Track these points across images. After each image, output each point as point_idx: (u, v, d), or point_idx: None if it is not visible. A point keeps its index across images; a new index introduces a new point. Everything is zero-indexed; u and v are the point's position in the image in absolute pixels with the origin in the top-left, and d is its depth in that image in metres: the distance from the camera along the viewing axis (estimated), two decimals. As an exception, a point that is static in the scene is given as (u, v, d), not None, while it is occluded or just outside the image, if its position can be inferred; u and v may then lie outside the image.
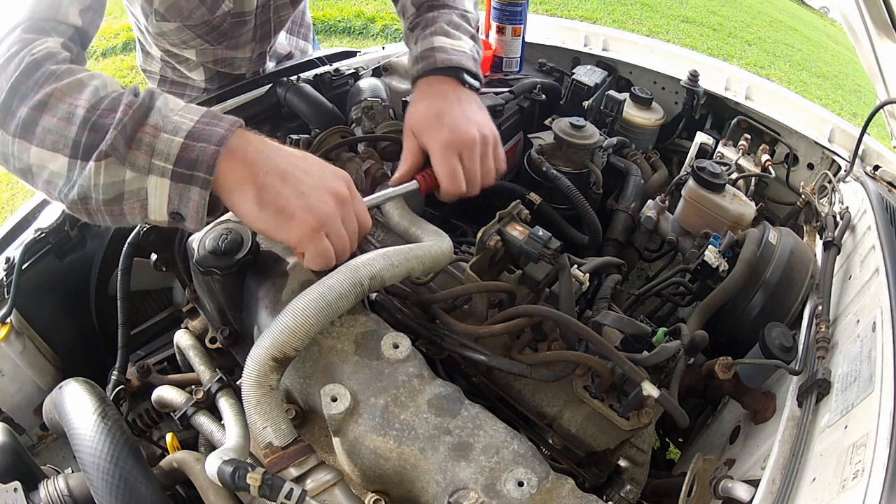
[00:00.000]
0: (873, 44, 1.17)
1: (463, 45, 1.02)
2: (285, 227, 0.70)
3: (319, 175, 0.73)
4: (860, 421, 0.68)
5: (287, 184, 0.70)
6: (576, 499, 0.64)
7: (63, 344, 1.14)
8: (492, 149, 0.94)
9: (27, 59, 0.67)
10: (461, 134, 0.90)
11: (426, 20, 1.06)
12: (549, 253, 0.79)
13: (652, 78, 1.58)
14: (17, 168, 0.68)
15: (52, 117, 0.64)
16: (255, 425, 0.64)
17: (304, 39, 1.76)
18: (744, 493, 0.74)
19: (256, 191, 0.68)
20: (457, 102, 0.95)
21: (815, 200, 1.23)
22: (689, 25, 6.37)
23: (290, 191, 0.70)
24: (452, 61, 0.98)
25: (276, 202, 0.69)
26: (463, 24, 1.07)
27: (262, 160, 0.69)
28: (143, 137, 0.64)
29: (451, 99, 0.95)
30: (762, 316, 0.96)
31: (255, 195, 0.68)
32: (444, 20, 1.05)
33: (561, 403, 0.80)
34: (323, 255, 0.71)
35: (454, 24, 1.05)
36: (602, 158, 1.26)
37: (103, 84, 0.67)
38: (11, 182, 3.53)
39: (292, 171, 0.71)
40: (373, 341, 0.74)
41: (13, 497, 0.67)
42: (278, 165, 0.70)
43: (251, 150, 0.69)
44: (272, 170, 0.69)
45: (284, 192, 0.69)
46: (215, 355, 0.92)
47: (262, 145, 0.71)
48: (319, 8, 5.30)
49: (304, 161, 0.74)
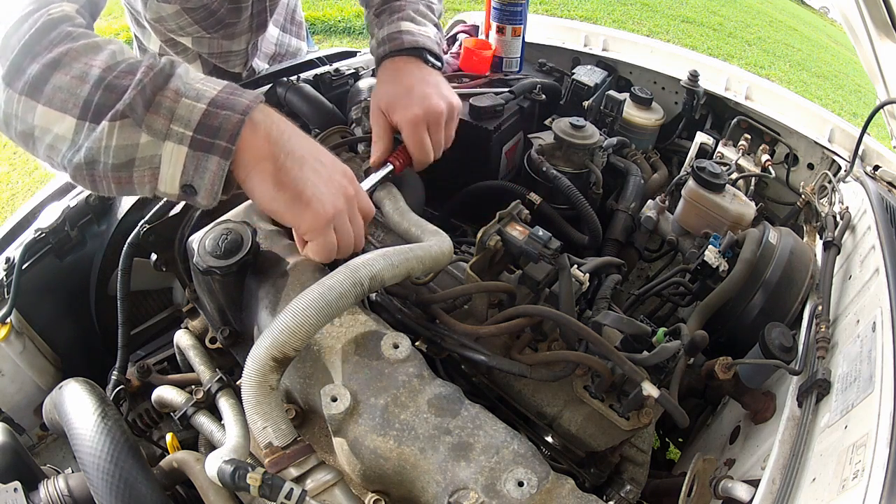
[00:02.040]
0: (873, 44, 1.17)
1: (428, 31, 1.07)
2: (299, 213, 0.70)
3: (331, 168, 0.74)
4: (860, 421, 0.68)
5: (305, 169, 0.70)
6: (576, 499, 0.64)
7: (63, 344, 1.14)
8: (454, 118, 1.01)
9: (43, 19, 0.64)
10: (430, 107, 0.94)
11: (393, 7, 1.10)
12: (549, 253, 0.79)
13: (652, 78, 1.58)
14: (19, 131, 0.64)
15: (65, 75, 0.61)
16: (255, 425, 0.64)
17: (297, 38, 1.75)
18: (744, 493, 0.74)
19: (275, 170, 0.67)
20: (422, 79, 0.99)
21: (815, 200, 1.24)
22: (689, 25, 6.38)
23: (308, 176, 0.70)
24: (418, 42, 1.03)
25: (295, 186, 0.68)
26: (428, 13, 1.13)
27: (283, 140, 0.68)
28: (164, 101, 0.62)
29: (416, 76, 1.00)
30: (762, 316, 0.96)
31: (274, 175, 0.67)
32: (412, 8, 1.10)
33: (561, 403, 0.80)
34: (327, 247, 0.72)
35: (420, 13, 1.10)
36: (602, 158, 1.26)
37: (121, 49, 0.65)
38: (11, 182, 3.53)
39: (310, 158, 0.71)
40: (373, 341, 0.74)
41: (13, 497, 0.67)
42: (298, 149, 0.70)
43: (274, 127, 0.68)
44: (292, 152, 0.69)
45: (303, 177, 0.69)
46: (215, 355, 0.91)
47: (285, 125, 0.70)
48: (319, 8, 5.30)
49: (320, 152, 0.74)
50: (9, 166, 3.68)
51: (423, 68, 1.03)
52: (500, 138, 1.25)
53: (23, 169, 3.63)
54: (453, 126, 1.01)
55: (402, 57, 1.03)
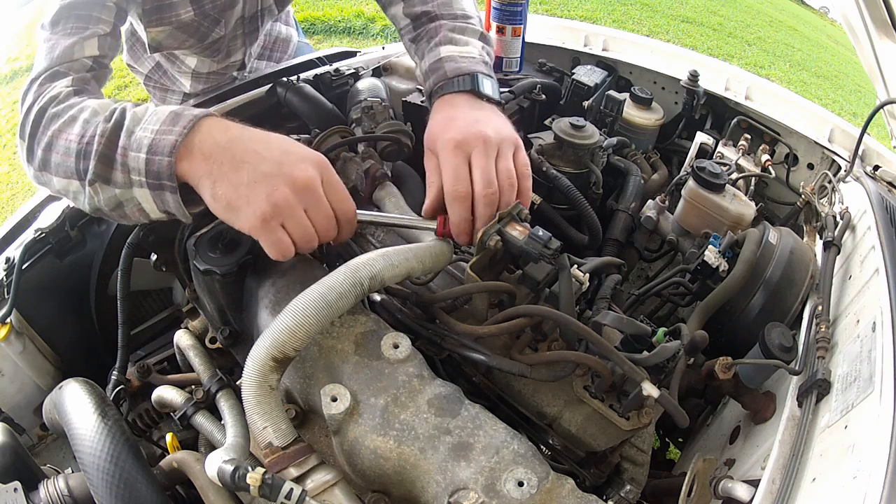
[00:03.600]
0: (873, 44, 1.17)
1: (471, 51, 0.99)
2: (234, 218, 0.71)
3: (278, 160, 0.72)
4: (860, 421, 0.68)
5: (239, 173, 0.70)
6: (576, 499, 0.64)
7: (63, 344, 1.14)
8: (511, 150, 0.85)
9: (36, 109, 0.81)
10: (470, 133, 0.82)
11: (429, 32, 1.03)
12: (549, 253, 0.79)
13: (652, 78, 1.58)
14: (53, 191, 0.84)
15: (57, 154, 0.78)
16: (255, 425, 0.64)
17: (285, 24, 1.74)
18: (744, 493, 0.74)
19: (211, 184, 0.71)
20: (470, 109, 0.90)
21: (815, 200, 1.23)
22: (689, 25, 6.37)
23: (240, 180, 0.70)
24: (461, 70, 0.94)
25: (226, 194, 0.70)
26: (468, 27, 1.04)
27: (218, 153, 0.71)
28: (118, 158, 0.73)
29: (464, 108, 0.90)
30: (762, 316, 0.96)
31: (211, 188, 0.71)
32: (448, 28, 1.02)
33: (561, 403, 0.80)
34: (276, 244, 0.71)
35: (458, 30, 1.02)
36: (602, 158, 1.26)
37: (92, 114, 0.77)
38: (11, 182, 3.53)
39: (249, 158, 0.71)
40: (373, 341, 0.74)
41: (13, 497, 0.67)
42: (235, 155, 0.71)
43: (210, 143, 0.71)
44: (228, 160, 0.71)
45: (235, 182, 0.70)
46: (215, 355, 0.92)
47: (225, 135, 0.72)
48: (319, 8, 5.30)
49: (265, 146, 0.73)
50: (9, 166, 3.68)
51: (474, 103, 0.91)
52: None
53: (23, 169, 3.64)
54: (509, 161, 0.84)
55: (453, 94, 0.93)
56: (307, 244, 0.73)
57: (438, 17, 1.05)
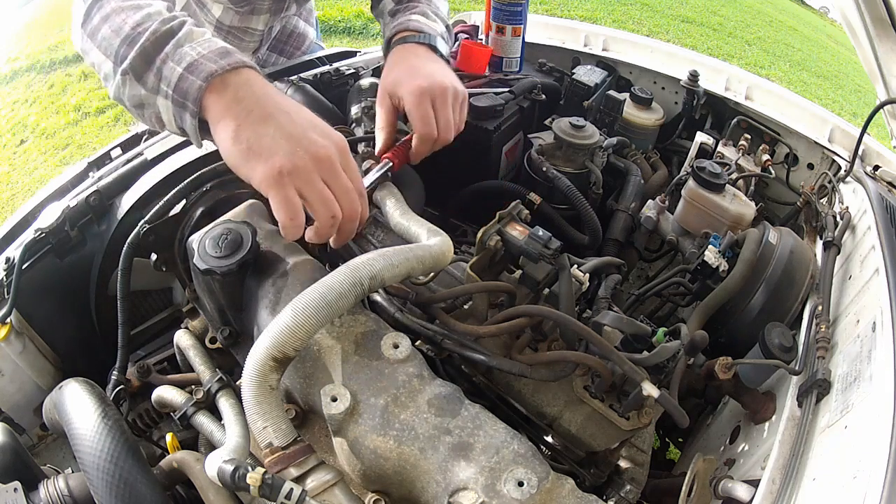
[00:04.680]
0: (873, 44, 1.17)
1: (437, 28, 1.10)
2: (250, 164, 0.71)
3: (304, 128, 0.73)
4: (860, 421, 0.68)
5: (267, 125, 0.71)
6: (576, 499, 0.64)
7: (63, 344, 1.14)
8: (461, 103, 0.99)
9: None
10: (434, 81, 0.94)
11: (408, 6, 1.16)
12: (549, 253, 0.79)
13: (652, 78, 1.58)
14: (88, 62, 0.85)
15: (109, 28, 0.78)
16: (255, 425, 0.64)
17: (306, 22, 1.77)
18: (744, 493, 0.74)
19: (236, 125, 0.71)
20: (429, 61, 1.01)
21: (815, 200, 1.23)
22: (689, 25, 6.38)
23: (266, 131, 0.71)
24: (424, 28, 1.06)
25: (249, 139, 0.71)
26: (440, 13, 1.17)
27: (251, 100, 0.72)
28: (157, 62, 0.74)
29: (423, 59, 1.01)
30: (762, 316, 0.96)
31: (234, 129, 0.71)
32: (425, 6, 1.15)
33: (561, 403, 0.80)
34: (286, 202, 0.69)
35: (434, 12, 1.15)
36: (602, 158, 1.26)
37: (158, 11, 0.78)
38: (11, 182, 3.54)
39: (278, 116, 0.72)
40: (373, 341, 0.74)
41: (13, 497, 0.67)
42: (266, 108, 0.72)
43: (245, 89, 0.73)
44: (258, 110, 0.72)
45: (260, 131, 0.71)
46: (215, 355, 0.91)
47: (262, 89, 0.74)
48: (320, 8, 5.30)
49: (296, 113, 0.75)
50: (9, 166, 3.68)
51: (430, 54, 1.04)
52: (500, 138, 1.25)
53: (23, 169, 3.64)
54: (462, 112, 1.00)
55: (411, 44, 1.04)
56: (328, 211, 0.72)
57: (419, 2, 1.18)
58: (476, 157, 1.24)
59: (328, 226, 0.74)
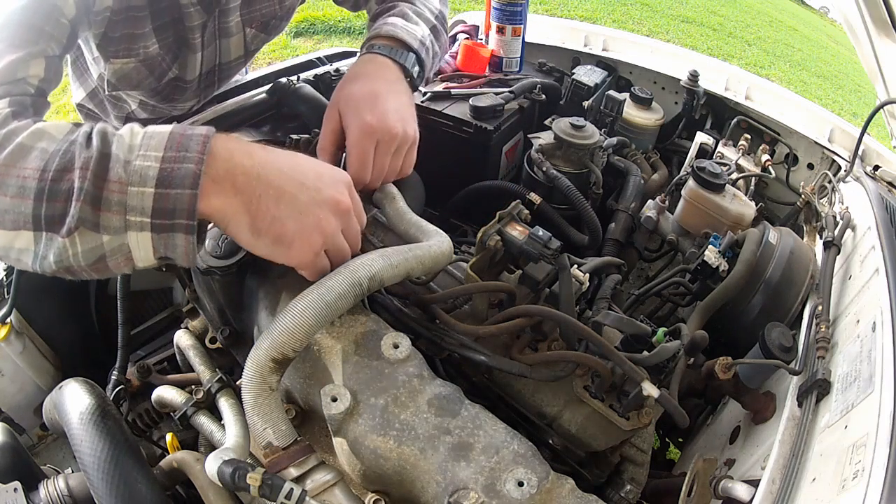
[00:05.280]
0: (873, 44, 1.17)
1: (416, 30, 1.01)
2: (285, 254, 0.68)
3: (316, 186, 0.69)
4: (860, 421, 0.68)
5: (282, 205, 0.66)
6: (576, 499, 0.64)
7: (63, 344, 1.14)
8: (407, 148, 0.91)
9: None
10: (386, 124, 0.85)
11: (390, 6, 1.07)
12: (549, 253, 0.79)
13: (652, 78, 1.58)
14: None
15: (5, 196, 0.58)
16: (255, 426, 0.64)
17: None
18: (744, 493, 0.74)
19: (251, 220, 0.65)
20: (393, 92, 0.91)
21: (815, 200, 1.24)
22: (689, 25, 6.38)
23: (286, 213, 0.66)
24: (400, 37, 0.97)
25: (272, 229, 0.65)
26: (425, 13, 1.07)
27: (253, 183, 0.64)
28: (111, 196, 0.58)
29: (387, 84, 0.91)
30: (762, 316, 0.96)
31: (250, 224, 0.65)
32: (407, 7, 1.05)
33: (561, 403, 0.80)
34: (321, 272, 0.71)
35: (415, 12, 1.05)
36: (602, 158, 1.26)
37: (49, 141, 0.60)
38: (11, 182, 3.52)
39: (288, 187, 0.66)
40: (373, 341, 0.74)
41: (13, 497, 0.67)
42: (271, 183, 0.65)
43: (239, 171, 0.64)
44: (265, 192, 0.65)
45: (280, 216, 0.65)
46: (215, 355, 0.92)
47: (250, 160, 0.65)
48: (319, 8, 5.30)
49: (298, 171, 0.68)
50: (9, 166, 3.67)
51: (397, 78, 0.95)
52: (500, 138, 1.25)
53: (23, 169, 3.63)
54: (409, 156, 0.92)
55: (381, 58, 0.95)
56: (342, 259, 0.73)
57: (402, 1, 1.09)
58: (476, 156, 1.24)
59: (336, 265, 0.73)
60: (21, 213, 0.58)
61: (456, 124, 1.23)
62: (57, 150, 0.59)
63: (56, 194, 0.58)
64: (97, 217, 0.59)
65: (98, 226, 0.59)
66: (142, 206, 0.59)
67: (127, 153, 0.60)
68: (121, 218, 0.59)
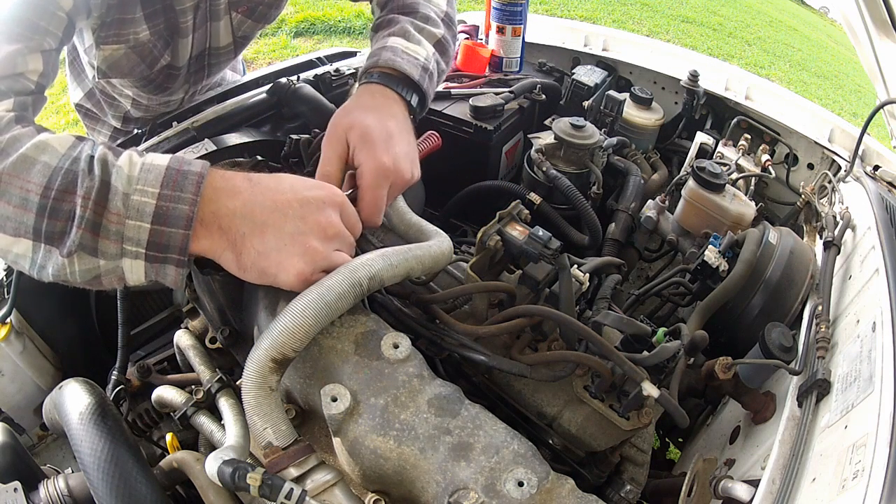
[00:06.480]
0: (873, 44, 1.17)
1: (418, 51, 0.96)
2: (270, 279, 0.69)
3: (300, 215, 0.69)
4: (860, 421, 0.68)
5: (266, 238, 0.67)
6: (576, 499, 0.64)
7: (63, 344, 1.14)
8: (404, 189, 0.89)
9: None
10: (399, 167, 0.84)
11: (390, 21, 1.01)
12: (549, 253, 0.79)
13: (652, 78, 1.59)
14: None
15: (7, 205, 0.62)
16: (255, 426, 0.64)
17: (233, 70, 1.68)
18: (744, 493, 0.74)
19: (236, 256, 0.67)
20: (404, 131, 0.89)
21: (815, 200, 1.24)
22: (689, 25, 6.38)
23: (271, 246, 0.67)
24: (399, 66, 0.92)
25: (257, 264, 0.67)
26: (428, 27, 1.01)
27: (237, 222, 0.66)
28: (110, 226, 0.62)
29: (397, 123, 0.88)
30: (762, 316, 0.96)
31: (236, 260, 0.67)
32: (408, 21, 0.99)
33: (561, 403, 0.80)
34: None
35: (417, 28, 0.99)
36: (602, 158, 1.26)
37: (52, 155, 0.63)
38: (11, 182, 3.52)
39: (271, 221, 0.67)
40: (373, 341, 0.74)
41: (13, 497, 0.67)
42: (255, 220, 0.67)
43: (224, 212, 0.66)
44: (249, 231, 0.67)
45: (265, 250, 0.67)
46: (215, 355, 0.91)
47: (237, 199, 0.67)
48: (319, 8, 5.30)
49: (282, 201, 0.68)
50: (9, 166, 3.67)
51: (405, 120, 0.91)
52: (500, 138, 1.25)
53: (23, 169, 3.63)
54: None
55: (390, 90, 0.91)
56: None
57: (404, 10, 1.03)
58: (476, 156, 1.25)
59: None
60: (22, 224, 0.62)
61: (456, 124, 1.24)
62: (59, 168, 0.62)
63: (58, 213, 0.62)
64: (96, 243, 0.63)
65: (96, 251, 0.63)
66: (138, 238, 0.63)
67: (126, 185, 0.63)
68: (118, 246, 0.63)
